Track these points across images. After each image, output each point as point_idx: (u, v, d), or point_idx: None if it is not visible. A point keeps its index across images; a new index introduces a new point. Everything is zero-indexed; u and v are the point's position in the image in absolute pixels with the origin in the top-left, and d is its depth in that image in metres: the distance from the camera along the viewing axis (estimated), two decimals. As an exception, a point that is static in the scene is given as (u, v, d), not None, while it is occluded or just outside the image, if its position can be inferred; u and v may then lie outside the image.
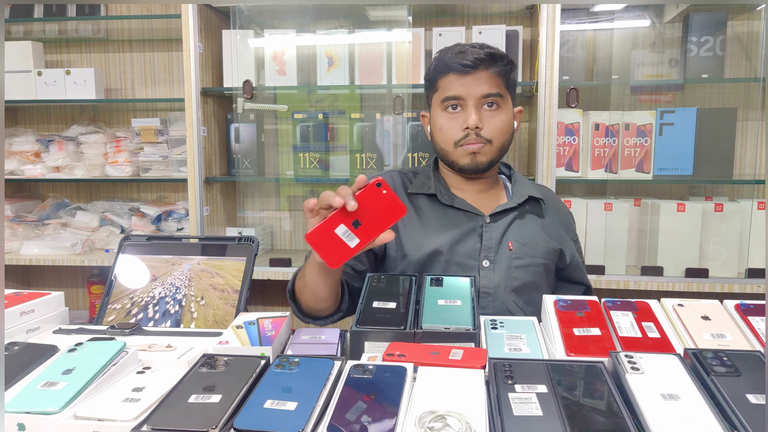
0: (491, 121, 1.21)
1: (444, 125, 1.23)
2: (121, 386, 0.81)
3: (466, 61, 1.18)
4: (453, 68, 1.20)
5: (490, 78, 1.20)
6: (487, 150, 1.22)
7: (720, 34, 1.85)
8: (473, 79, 1.19)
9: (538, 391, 0.74)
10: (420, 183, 1.31)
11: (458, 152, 1.23)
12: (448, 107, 1.22)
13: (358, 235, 0.90)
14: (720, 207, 1.80)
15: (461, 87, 1.20)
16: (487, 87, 1.20)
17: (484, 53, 1.19)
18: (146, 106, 2.53)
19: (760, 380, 0.73)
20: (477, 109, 1.20)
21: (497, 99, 1.21)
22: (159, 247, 1.23)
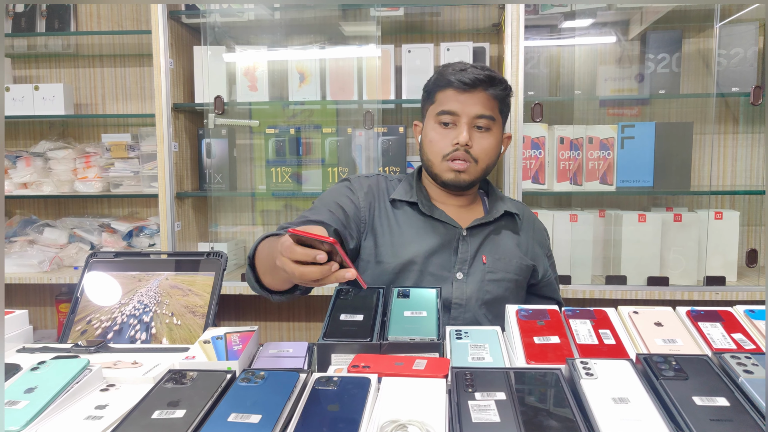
0: (481, 142, 1.25)
1: (435, 138, 1.26)
2: (84, 404, 0.81)
3: (466, 79, 1.22)
4: (452, 84, 1.23)
5: (487, 99, 1.24)
6: (473, 169, 1.26)
7: (676, 51, 1.93)
8: (470, 97, 1.23)
9: (497, 399, 0.76)
10: (403, 190, 1.33)
11: (444, 166, 1.26)
12: (441, 121, 1.25)
13: None
14: (679, 217, 1.87)
15: (457, 104, 1.23)
16: (482, 108, 1.23)
17: (484, 75, 1.23)
18: (117, 121, 2.52)
19: (706, 383, 0.77)
20: (469, 127, 1.23)
21: (489, 122, 1.25)
22: (126, 264, 1.23)
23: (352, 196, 1.30)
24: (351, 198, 1.30)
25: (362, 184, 1.33)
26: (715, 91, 1.89)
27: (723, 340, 0.93)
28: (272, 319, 2.46)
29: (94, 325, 1.13)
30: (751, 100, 1.81)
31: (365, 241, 1.29)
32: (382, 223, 1.29)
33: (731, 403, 0.73)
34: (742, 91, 1.88)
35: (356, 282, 0.83)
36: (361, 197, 1.30)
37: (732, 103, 2.04)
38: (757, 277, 1.90)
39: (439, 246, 1.27)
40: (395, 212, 1.30)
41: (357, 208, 1.29)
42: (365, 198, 1.30)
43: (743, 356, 0.83)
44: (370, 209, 1.30)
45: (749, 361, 0.81)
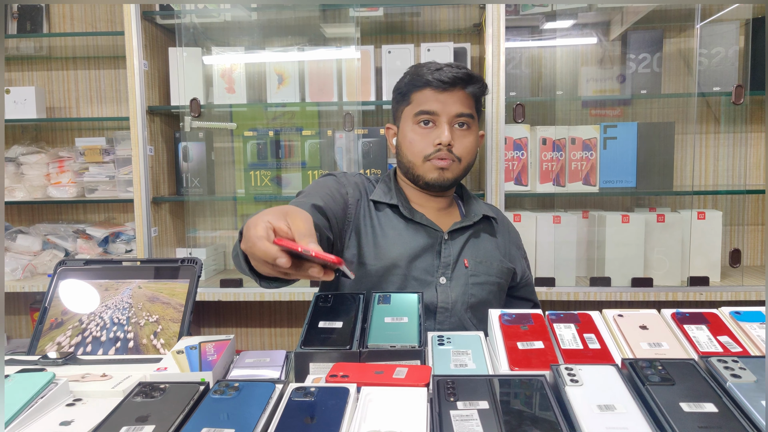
0: (462, 141, 1.23)
1: (414, 139, 1.23)
2: (48, 420, 0.77)
3: (445, 78, 1.19)
4: (431, 83, 1.20)
5: (465, 98, 1.22)
6: (455, 168, 1.23)
7: (657, 51, 1.93)
8: (449, 96, 1.21)
9: (479, 408, 0.74)
10: (381, 192, 1.30)
11: (426, 166, 1.23)
12: (420, 122, 1.23)
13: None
14: (662, 218, 1.86)
15: (437, 103, 1.21)
16: (462, 106, 1.21)
17: (462, 73, 1.21)
18: (91, 125, 2.46)
19: (693, 389, 0.75)
20: (450, 126, 1.21)
21: (469, 119, 1.23)
22: (98, 271, 1.18)
23: (341, 190, 1.25)
24: (341, 192, 1.25)
25: (349, 180, 1.30)
26: (697, 91, 1.89)
27: (709, 343, 0.92)
28: (253, 325, 2.42)
29: (64, 335, 1.08)
30: (733, 99, 1.81)
31: (349, 241, 1.25)
32: (366, 223, 1.26)
33: (719, 408, 0.71)
34: (724, 90, 1.88)
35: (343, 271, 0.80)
36: (350, 192, 1.26)
37: (713, 103, 2.05)
38: (741, 276, 1.90)
39: (422, 250, 1.24)
40: (377, 214, 1.28)
41: (346, 204, 1.25)
42: (353, 194, 1.27)
43: (730, 360, 0.81)
44: (357, 206, 1.26)
45: (736, 365, 0.80)
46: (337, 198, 1.22)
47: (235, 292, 1.97)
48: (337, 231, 1.21)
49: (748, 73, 1.88)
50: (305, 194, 1.20)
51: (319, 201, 1.16)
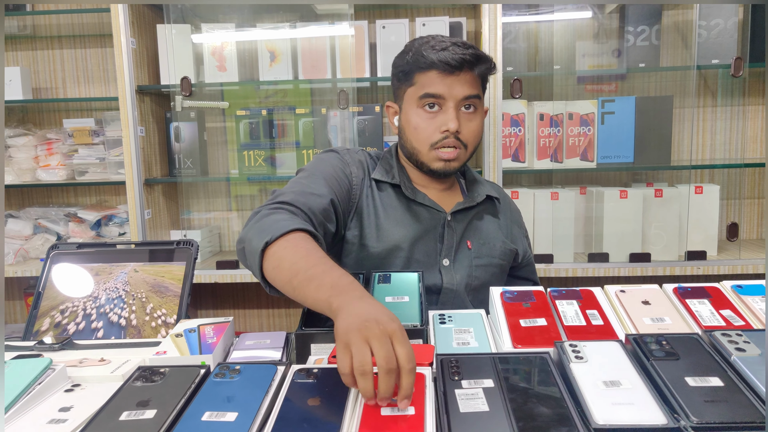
0: (469, 125, 1.17)
1: (420, 125, 1.17)
2: (47, 406, 0.75)
3: (452, 60, 1.12)
4: (436, 66, 1.13)
5: (473, 79, 1.15)
6: (461, 154, 1.18)
7: (656, 23, 1.90)
8: (457, 79, 1.14)
9: (484, 386, 0.73)
10: (383, 170, 1.24)
11: (432, 155, 1.18)
12: (425, 105, 1.16)
13: None
14: (660, 193, 1.86)
15: (443, 86, 1.14)
16: (469, 88, 1.15)
17: (470, 54, 1.13)
18: (79, 105, 2.41)
19: (698, 363, 0.75)
20: (456, 110, 1.15)
21: (476, 101, 1.17)
22: (91, 255, 1.16)
23: (346, 170, 1.21)
24: (345, 172, 1.20)
25: (353, 157, 1.24)
26: (696, 64, 1.87)
27: (711, 317, 0.91)
28: (250, 307, 2.41)
29: (59, 320, 1.07)
30: (732, 72, 1.79)
31: (351, 222, 1.20)
32: (368, 203, 1.22)
33: (725, 382, 0.71)
34: (722, 63, 1.86)
35: None
36: (354, 172, 1.21)
37: (711, 76, 2.03)
38: (738, 250, 1.91)
39: (424, 232, 1.21)
40: (379, 194, 1.23)
41: (350, 185, 1.20)
42: (357, 174, 1.21)
43: (734, 333, 0.81)
44: (360, 186, 1.22)
45: (740, 339, 0.79)
46: (342, 179, 1.18)
47: (232, 273, 1.95)
48: (342, 218, 1.17)
49: (747, 45, 1.85)
50: (310, 174, 1.15)
51: (330, 193, 1.12)
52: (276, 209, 1.01)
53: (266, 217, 0.99)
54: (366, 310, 0.73)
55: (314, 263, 0.86)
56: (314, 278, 0.83)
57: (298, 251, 0.89)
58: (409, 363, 0.68)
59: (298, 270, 0.85)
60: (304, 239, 0.92)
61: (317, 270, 0.84)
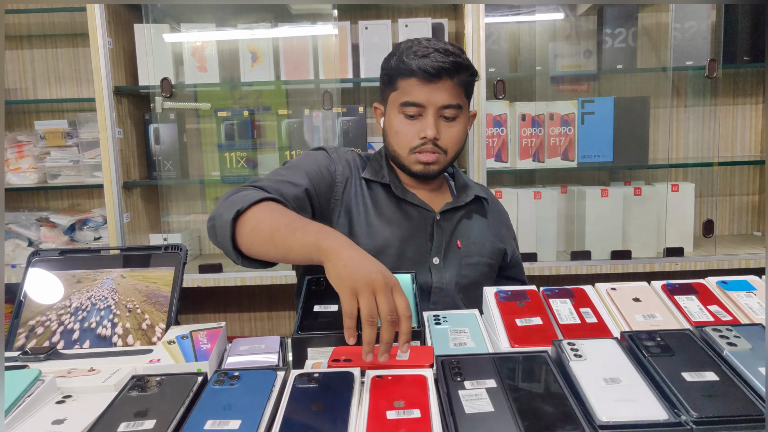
0: (448, 131, 1.19)
1: (400, 129, 1.19)
2: (39, 420, 0.73)
3: (431, 69, 1.13)
4: (416, 73, 1.14)
5: (453, 88, 1.16)
6: (442, 159, 1.20)
7: (632, 26, 1.94)
8: (436, 88, 1.15)
9: (487, 387, 0.74)
10: (373, 170, 1.26)
11: (411, 159, 1.20)
12: (406, 113, 1.18)
13: None
14: (639, 191, 1.90)
15: (423, 94, 1.15)
16: (449, 97, 1.16)
17: (449, 62, 1.14)
18: (51, 107, 2.34)
19: (692, 358, 0.77)
20: (435, 118, 1.16)
21: (456, 110, 1.18)
22: (75, 261, 1.13)
23: (331, 167, 1.22)
24: (329, 169, 1.22)
25: (340, 156, 1.26)
26: (673, 65, 1.91)
27: (700, 312, 0.94)
28: (232, 311, 2.38)
29: (41, 330, 1.03)
30: (707, 73, 1.84)
31: (339, 219, 1.21)
32: (357, 201, 1.23)
33: (720, 377, 0.72)
34: (696, 64, 1.91)
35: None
36: (339, 170, 1.23)
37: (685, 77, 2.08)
38: (714, 246, 1.96)
39: (414, 230, 1.23)
40: (369, 192, 1.24)
41: (333, 182, 1.22)
42: (342, 172, 1.23)
43: (724, 329, 0.83)
44: (346, 185, 1.23)
45: (731, 334, 0.82)
46: (324, 175, 1.20)
47: (215, 277, 1.92)
48: (319, 211, 1.19)
49: (720, 47, 1.91)
50: (291, 167, 1.18)
51: (307, 184, 1.15)
52: (246, 188, 1.07)
53: (236, 194, 1.04)
54: (366, 260, 0.81)
55: (294, 218, 0.93)
56: (298, 228, 0.89)
57: (274, 213, 0.96)
58: (407, 311, 0.78)
59: (279, 225, 0.91)
60: (278, 205, 1.00)
61: (299, 223, 0.92)
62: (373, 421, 0.67)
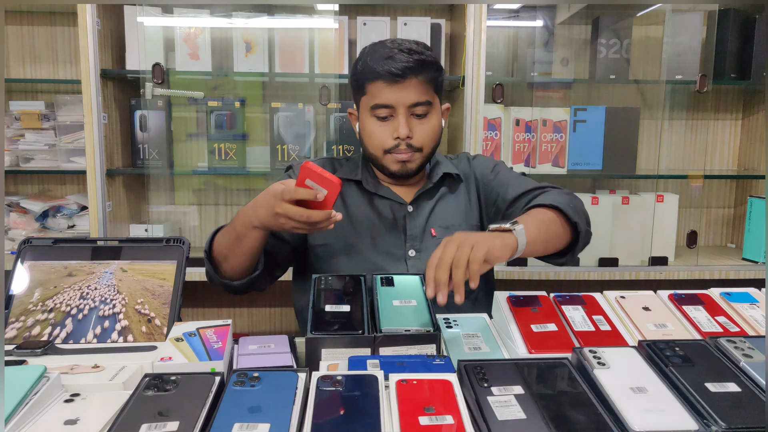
0: (421, 129, 1.20)
1: (373, 132, 1.21)
2: (50, 419, 0.69)
3: (395, 69, 1.14)
4: (381, 76, 1.16)
5: (420, 85, 1.17)
6: (418, 157, 1.22)
7: (626, 37, 1.98)
8: (402, 87, 1.16)
9: (515, 393, 0.73)
10: (348, 169, 1.30)
11: (388, 159, 1.22)
12: (376, 115, 1.19)
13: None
14: (626, 200, 1.94)
15: (390, 95, 1.17)
16: (417, 95, 1.17)
17: (414, 61, 1.15)
18: (23, 87, 2.23)
19: (712, 369, 0.78)
20: (406, 117, 1.18)
21: (427, 107, 1.19)
22: (69, 251, 1.07)
23: None
24: None
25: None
26: (666, 78, 1.96)
27: (709, 323, 0.96)
28: (210, 305, 2.32)
29: (33, 322, 0.98)
30: (697, 88, 1.89)
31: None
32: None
33: (741, 388, 0.74)
34: (686, 78, 1.96)
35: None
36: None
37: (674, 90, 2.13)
38: (696, 256, 2.02)
39: (388, 224, 1.26)
40: (344, 191, 1.28)
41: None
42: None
43: (738, 340, 0.85)
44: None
45: (745, 345, 0.84)
46: None
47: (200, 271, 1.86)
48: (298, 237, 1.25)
49: (711, 63, 1.96)
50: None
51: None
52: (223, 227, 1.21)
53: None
54: (261, 196, 1.06)
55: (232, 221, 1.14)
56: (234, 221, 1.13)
57: (224, 232, 1.16)
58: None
59: (228, 231, 1.14)
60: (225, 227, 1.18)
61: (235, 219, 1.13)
62: (406, 427, 0.66)
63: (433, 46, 1.95)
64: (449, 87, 2.10)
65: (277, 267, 1.26)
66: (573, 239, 1.15)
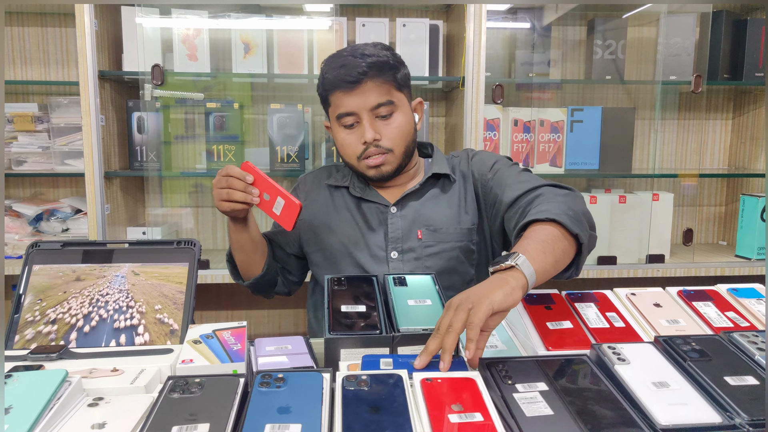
0: (388, 130, 1.20)
1: (344, 141, 1.22)
2: (77, 423, 0.68)
3: (348, 77, 1.15)
4: (338, 85, 1.17)
5: (378, 87, 1.17)
6: (391, 158, 1.22)
7: (621, 38, 2.01)
8: (360, 92, 1.17)
9: (540, 389, 0.74)
10: (340, 176, 1.34)
11: (362, 165, 1.23)
12: (343, 124, 1.21)
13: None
14: (624, 199, 1.96)
15: (350, 102, 1.18)
16: (376, 97, 1.17)
17: (366, 64, 1.15)
18: (14, 89, 2.19)
19: (729, 363, 0.80)
20: (371, 121, 1.19)
21: (390, 107, 1.19)
22: (78, 254, 1.06)
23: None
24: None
25: (306, 184, 1.37)
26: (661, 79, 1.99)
27: (719, 318, 0.98)
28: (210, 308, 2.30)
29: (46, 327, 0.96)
30: (692, 89, 1.92)
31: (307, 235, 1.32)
32: (320, 209, 1.31)
33: (759, 381, 0.75)
34: (679, 79, 2.00)
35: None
36: (302, 198, 1.34)
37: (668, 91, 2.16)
38: (691, 254, 2.05)
39: (373, 227, 1.27)
40: (333, 198, 1.32)
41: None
42: (305, 200, 1.34)
43: (751, 335, 0.87)
44: (310, 209, 1.32)
45: (758, 339, 0.85)
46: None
47: (202, 274, 1.86)
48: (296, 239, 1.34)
49: (705, 64, 2.00)
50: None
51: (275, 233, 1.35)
52: None
53: None
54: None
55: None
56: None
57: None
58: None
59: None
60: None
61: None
62: (440, 425, 0.66)
63: (431, 46, 1.95)
64: (446, 88, 2.11)
65: (290, 274, 1.38)
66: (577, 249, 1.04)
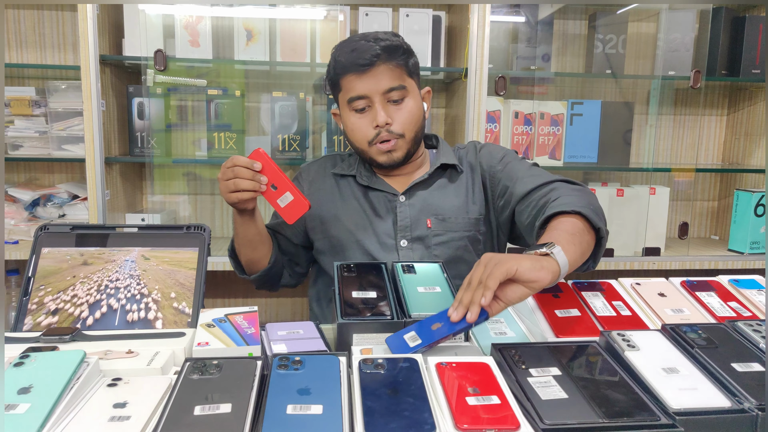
0: (399, 114, 1.21)
1: (354, 126, 1.22)
2: (97, 403, 0.69)
3: (361, 60, 1.16)
4: (350, 69, 1.18)
5: (390, 71, 1.18)
6: (401, 144, 1.23)
7: (622, 33, 2.02)
8: (373, 76, 1.17)
9: (553, 374, 0.76)
10: (347, 165, 1.33)
11: (373, 150, 1.23)
12: (354, 108, 1.21)
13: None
14: (621, 192, 1.99)
15: (363, 86, 1.18)
16: (389, 81, 1.18)
17: (380, 47, 1.16)
18: (10, 72, 2.16)
19: (735, 350, 0.82)
20: (383, 105, 1.19)
21: (402, 91, 1.20)
22: (87, 238, 1.06)
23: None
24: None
25: (309, 173, 1.36)
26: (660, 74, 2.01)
27: (722, 308, 1.00)
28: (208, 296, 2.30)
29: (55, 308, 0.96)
30: (691, 84, 1.95)
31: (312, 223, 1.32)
32: (326, 197, 1.31)
33: (765, 368, 0.78)
34: (678, 74, 2.02)
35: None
36: (305, 188, 1.33)
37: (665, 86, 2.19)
38: (686, 247, 2.08)
39: (381, 215, 1.28)
40: (339, 186, 1.31)
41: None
42: (308, 189, 1.33)
43: (755, 323, 0.89)
44: (315, 197, 1.32)
45: (762, 328, 0.88)
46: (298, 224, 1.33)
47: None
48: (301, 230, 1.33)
49: (704, 60, 2.02)
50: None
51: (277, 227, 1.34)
52: None
53: None
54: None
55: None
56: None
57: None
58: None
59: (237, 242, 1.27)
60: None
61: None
62: (458, 407, 0.68)
63: (433, 37, 1.96)
64: (448, 79, 2.12)
65: (297, 265, 1.38)
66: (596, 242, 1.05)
